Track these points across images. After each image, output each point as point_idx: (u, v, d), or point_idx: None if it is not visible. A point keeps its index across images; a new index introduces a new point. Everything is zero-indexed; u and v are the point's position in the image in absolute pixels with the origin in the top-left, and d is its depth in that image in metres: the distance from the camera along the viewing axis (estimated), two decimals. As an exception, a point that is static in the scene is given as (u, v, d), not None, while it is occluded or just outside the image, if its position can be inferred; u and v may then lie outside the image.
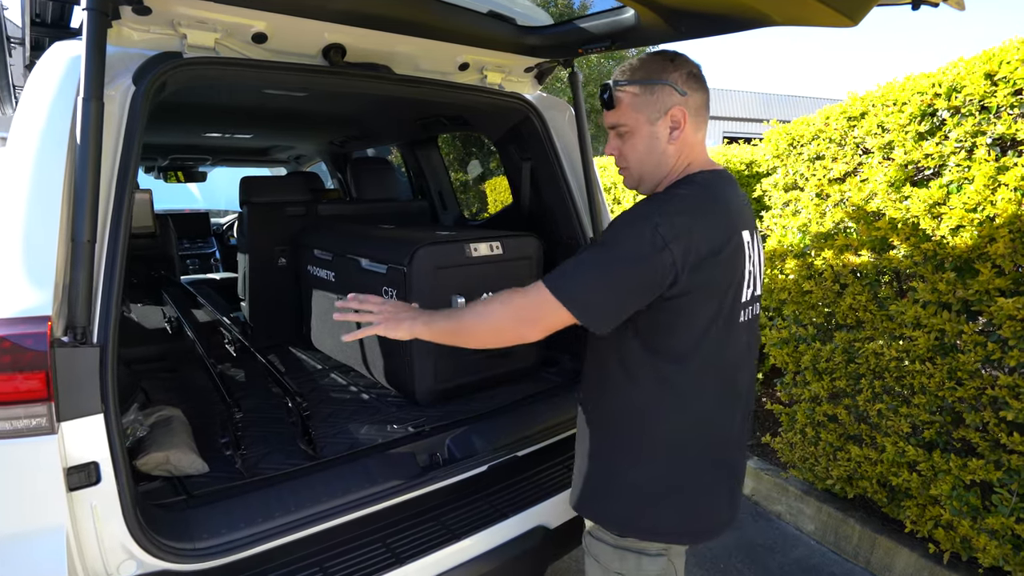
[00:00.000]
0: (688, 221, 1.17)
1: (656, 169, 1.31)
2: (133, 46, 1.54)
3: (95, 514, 1.29)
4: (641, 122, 1.28)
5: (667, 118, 1.27)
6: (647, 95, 1.27)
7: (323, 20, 1.74)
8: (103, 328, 1.33)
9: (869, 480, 2.69)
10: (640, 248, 1.14)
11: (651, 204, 1.20)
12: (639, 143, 1.29)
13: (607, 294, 1.18)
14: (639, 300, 1.19)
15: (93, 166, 1.28)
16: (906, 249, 2.32)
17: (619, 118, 1.30)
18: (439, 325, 1.31)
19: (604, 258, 1.18)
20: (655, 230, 1.14)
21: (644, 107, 1.27)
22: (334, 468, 1.74)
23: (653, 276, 1.15)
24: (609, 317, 1.19)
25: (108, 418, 1.31)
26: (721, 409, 1.33)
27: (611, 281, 1.18)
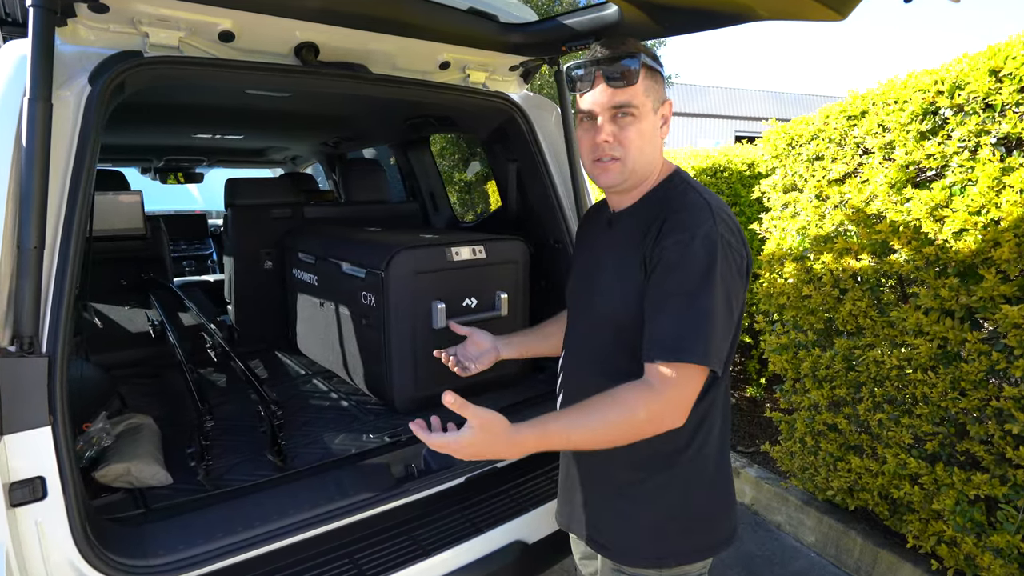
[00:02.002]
0: (736, 225, 1.14)
1: (650, 163, 1.21)
2: (91, 45, 1.49)
3: (40, 531, 1.24)
4: (648, 109, 1.16)
5: (662, 110, 1.20)
6: (654, 81, 1.17)
7: (293, 18, 1.68)
8: (52, 337, 1.28)
9: (870, 492, 2.59)
10: (729, 270, 1.07)
11: (701, 218, 1.10)
12: (646, 129, 1.17)
13: (726, 330, 1.09)
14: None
15: (40, 169, 1.23)
16: (907, 253, 2.22)
17: (633, 98, 1.15)
18: (551, 439, 1.09)
19: (708, 299, 1.05)
20: (728, 245, 1.08)
21: (652, 92, 1.17)
22: (303, 480, 1.68)
23: (743, 289, 1.12)
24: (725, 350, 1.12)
25: (56, 431, 1.26)
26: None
27: (724, 317, 1.07)
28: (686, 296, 1.06)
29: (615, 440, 1.09)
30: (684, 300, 1.06)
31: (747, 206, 4.01)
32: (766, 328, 3.08)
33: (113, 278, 3.21)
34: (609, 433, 1.07)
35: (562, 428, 1.09)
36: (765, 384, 4.20)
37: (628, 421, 1.05)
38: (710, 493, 1.25)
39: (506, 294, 2.25)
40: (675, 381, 1.05)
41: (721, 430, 1.26)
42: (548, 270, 2.42)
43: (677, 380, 1.05)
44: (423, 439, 1.13)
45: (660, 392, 1.06)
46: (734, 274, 1.09)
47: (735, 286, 1.10)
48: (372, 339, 2.15)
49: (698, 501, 1.24)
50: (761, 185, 3.06)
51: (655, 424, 1.07)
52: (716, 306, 1.06)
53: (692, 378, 1.07)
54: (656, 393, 1.06)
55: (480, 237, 2.27)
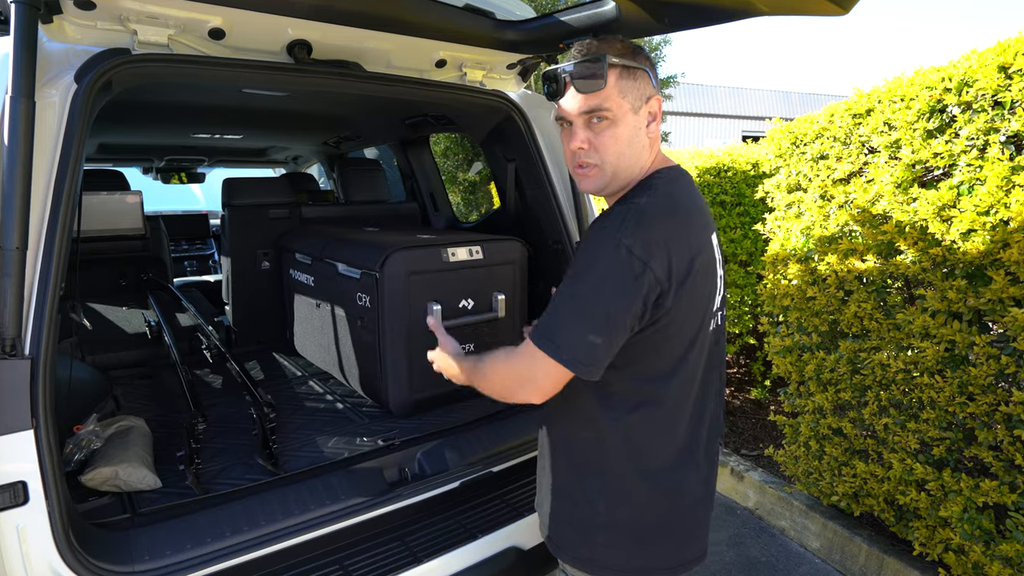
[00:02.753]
0: (661, 234, 1.05)
1: (632, 167, 1.16)
2: (78, 42, 1.47)
3: (21, 536, 1.22)
4: (626, 110, 1.12)
5: (646, 109, 1.14)
6: (631, 79, 1.12)
7: (285, 15, 1.65)
8: (36, 339, 1.26)
9: (876, 498, 2.54)
10: (619, 278, 1.02)
11: (614, 224, 1.06)
12: (623, 134, 1.12)
13: (596, 337, 1.04)
14: (628, 331, 1.07)
15: (23, 168, 1.21)
16: (914, 254, 2.17)
17: (604, 101, 1.11)
18: (464, 365, 1.32)
19: (583, 299, 1.06)
20: (629, 253, 1.02)
21: (629, 92, 1.12)
22: (293, 484, 1.65)
23: (639, 303, 1.04)
24: (602, 361, 1.07)
25: (39, 434, 1.24)
26: (699, 423, 1.22)
27: (598, 322, 1.04)
28: (567, 294, 1.09)
29: (490, 385, 1.23)
30: (563, 296, 1.10)
31: (751, 206, 3.96)
32: (770, 330, 3.04)
33: (112, 278, 3.20)
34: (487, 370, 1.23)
35: (472, 362, 1.29)
36: (770, 387, 4.14)
37: (497, 368, 1.21)
38: (647, 513, 1.19)
39: (504, 295, 2.21)
40: (530, 360, 1.10)
41: (673, 455, 1.18)
42: (547, 271, 2.39)
43: (532, 360, 1.10)
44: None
45: (517, 356, 1.15)
46: (625, 279, 1.02)
47: (625, 292, 1.03)
48: (367, 340, 2.13)
49: (627, 517, 1.19)
50: (765, 185, 3.01)
51: (513, 385, 1.17)
52: (588, 306, 1.05)
53: (546, 368, 1.08)
54: (515, 357, 1.15)
55: (477, 237, 2.24)
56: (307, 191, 3.95)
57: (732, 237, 3.98)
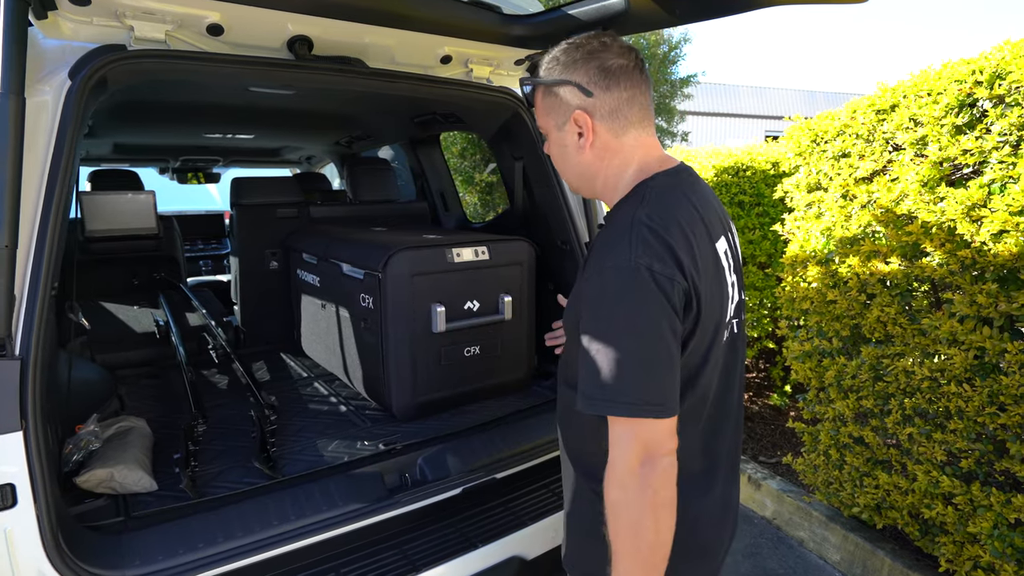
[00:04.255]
0: (670, 244, 0.97)
1: (583, 180, 1.16)
2: (74, 39, 1.46)
3: (8, 539, 1.20)
4: (550, 127, 1.14)
5: (570, 125, 1.09)
6: (551, 97, 1.11)
7: (284, 10, 1.62)
8: (26, 340, 1.24)
9: (899, 510, 2.43)
10: (656, 301, 0.93)
11: (621, 249, 0.97)
12: (554, 151, 1.16)
13: (655, 370, 0.94)
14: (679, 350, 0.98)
15: (13, 166, 1.19)
16: (941, 256, 2.07)
17: (537, 120, 1.18)
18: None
19: (625, 330, 0.94)
20: (651, 272, 0.94)
21: (550, 111, 1.12)
22: (291, 489, 1.62)
23: (677, 317, 0.96)
24: (677, 390, 0.97)
25: (28, 436, 1.22)
26: (714, 436, 1.14)
27: (657, 361, 0.94)
28: (602, 339, 0.95)
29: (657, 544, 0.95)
30: (600, 343, 0.95)
31: (771, 206, 3.85)
32: (789, 334, 2.93)
33: (125, 278, 3.22)
34: (643, 549, 0.94)
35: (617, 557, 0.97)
36: (790, 392, 4.03)
37: (634, 521, 0.94)
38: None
39: (511, 297, 2.16)
40: (622, 432, 0.95)
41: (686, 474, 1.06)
42: (555, 272, 2.33)
43: (623, 433, 0.95)
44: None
45: (619, 458, 0.95)
46: (660, 303, 0.94)
47: (663, 317, 0.95)
48: (370, 342, 2.09)
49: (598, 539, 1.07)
50: (784, 184, 2.92)
51: (648, 495, 0.93)
52: (635, 347, 0.93)
53: (642, 427, 0.93)
54: (617, 466, 0.95)
55: (483, 238, 2.19)
56: (318, 191, 3.94)
57: (751, 238, 3.88)
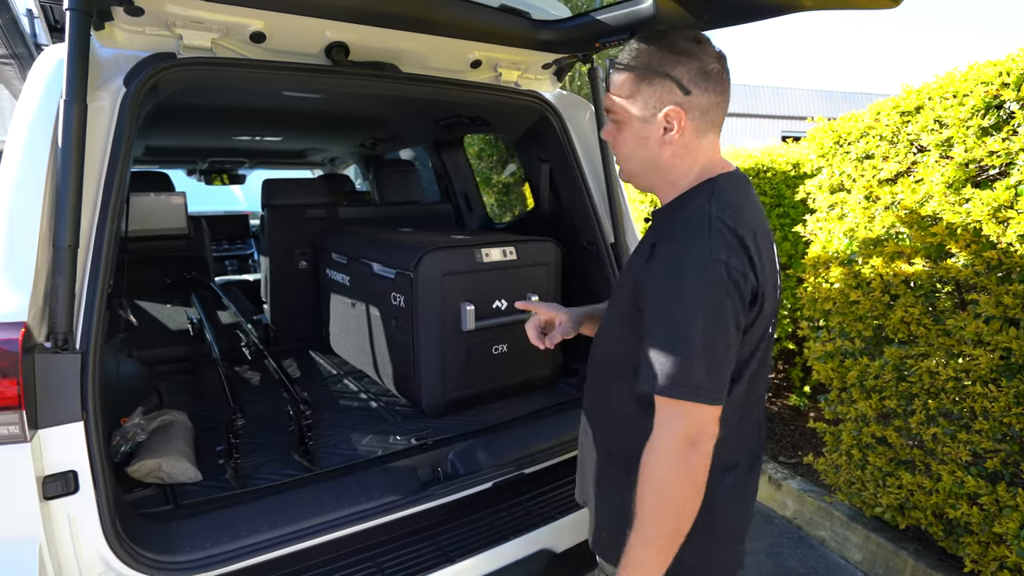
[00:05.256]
0: (745, 242, 1.03)
1: (649, 173, 1.17)
2: (128, 48, 1.53)
3: (72, 524, 1.27)
4: (631, 117, 1.11)
5: (660, 119, 1.09)
6: (644, 86, 1.09)
7: (323, 18, 1.68)
8: (86, 334, 1.31)
9: (923, 511, 2.44)
10: (729, 296, 0.99)
11: (699, 244, 1.01)
12: (628, 139, 1.14)
13: (718, 360, 1.00)
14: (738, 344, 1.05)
15: (76, 169, 1.26)
16: (966, 257, 2.08)
17: (612, 104, 1.14)
18: (645, 555, 1.03)
19: (701, 322, 0.99)
20: (727, 267, 0.99)
21: (638, 100, 1.10)
22: (328, 481, 1.68)
23: (744, 311, 1.03)
24: (728, 380, 1.04)
25: (88, 426, 1.28)
26: (746, 428, 1.20)
27: (720, 348, 1.00)
28: (672, 325, 1.01)
29: (682, 515, 1.02)
30: (670, 329, 1.01)
31: (791, 207, 3.85)
32: (810, 335, 2.94)
33: (158, 277, 3.31)
34: (672, 520, 1.01)
35: (637, 548, 1.03)
36: (809, 393, 4.02)
37: (670, 493, 1.01)
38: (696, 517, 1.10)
39: (537, 296, 2.20)
40: (675, 414, 1.01)
41: (722, 461, 1.12)
42: (581, 272, 2.37)
43: (676, 412, 1.00)
44: None
45: (665, 436, 1.01)
46: (731, 296, 1.00)
47: (732, 310, 1.01)
48: (401, 340, 2.14)
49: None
50: (806, 185, 2.93)
51: (686, 472, 1.00)
52: (704, 336, 0.99)
53: (693, 411, 1.00)
54: (653, 438, 1.02)
55: (511, 238, 2.24)
56: (343, 192, 4.01)
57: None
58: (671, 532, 1.01)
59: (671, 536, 1.01)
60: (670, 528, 1.01)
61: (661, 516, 1.01)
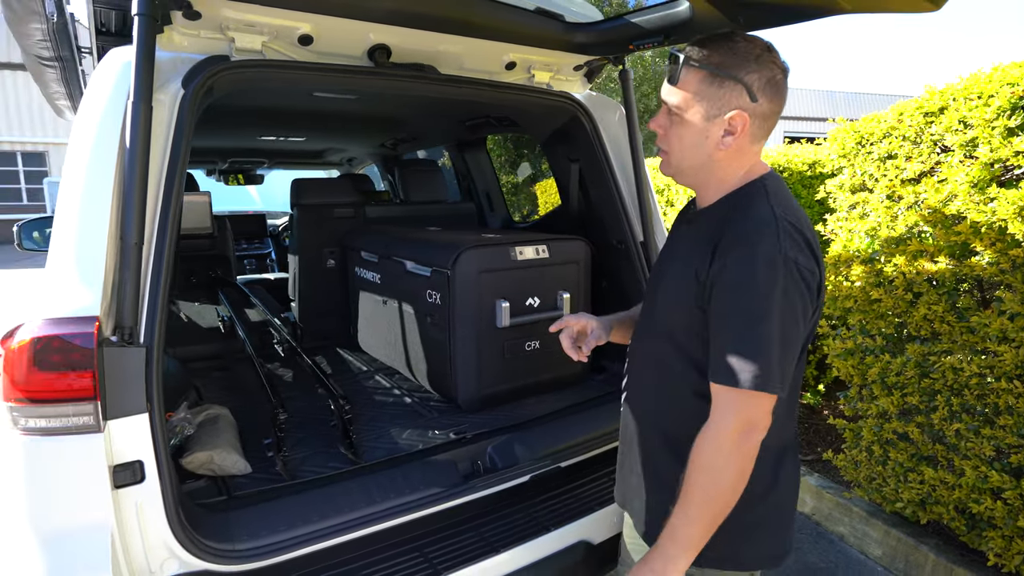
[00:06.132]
0: (808, 240, 1.09)
1: (699, 170, 1.19)
2: (183, 51, 1.57)
3: (139, 512, 1.31)
4: (696, 114, 1.12)
5: (723, 121, 1.11)
6: (714, 87, 1.11)
7: (369, 21, 1.72)
8: (149, 328, 1.35)
9: (945, 505, 2.47)
10: (797, 292, 1.05)
11: (768, 242, 1.06)
12: (686, 135, 1.15)
13: (788, 354, 1.06)
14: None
15: (141, 168, 1.30)
16: (991, 255, 2.11)
17: (674, 99, 1.14)
18: (689, 531, 1.08)
19: (777, 317, 1.04)
20: (796, 265, 1.04)
21: (705, 99, 1.11)
22: (374, 473, 1.72)
23: (810, 310, 1.09)
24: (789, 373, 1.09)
25: (153, 417, 1.32)
26: (795, 417, 1.28)
27: (789, 342, 1.06)
28: (748, 320, 1.05)
29: (729, 496, 1.08)
30: (746, 324, 1.05)
31: (807, 207, 3.89)
32: (829, 333, 2.98)
33: (183, 275, 3.35)
34: (718, 501, 1.07)
35: (681, 523, 1.09)
36: (823, 391, 4.06)
37: (720, 477, 1.07)
38: (756, 504, 1.17)
39: (568, 294, 2.24)
40: (739, 405, 1.06)
41: (777, 449, 1.20)
42: (610, 270, 2.41)
43: (740, 403, 1.06)
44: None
45: (715, 420, 1.08)
46: (801, 292, 1.06)
47: (801, 305, 1.06)
48: (436, 337, 2.18)
49: (739, 508, 1.13)
50: (827, 186, 2.97)
51: (739, 460, 1.07)
52: (778, 330, 1.04)
53: (756, 402, 1.06)
54: (711, 425, 1.08)
55: (543, 237, 2.28)
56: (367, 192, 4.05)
57: (786, 238, 3.92)
58: (717, 515, 1.08)
59: (716, 518, 1.08)
60: (717, 511, 1.07)
61: (712, 499, 1.07)
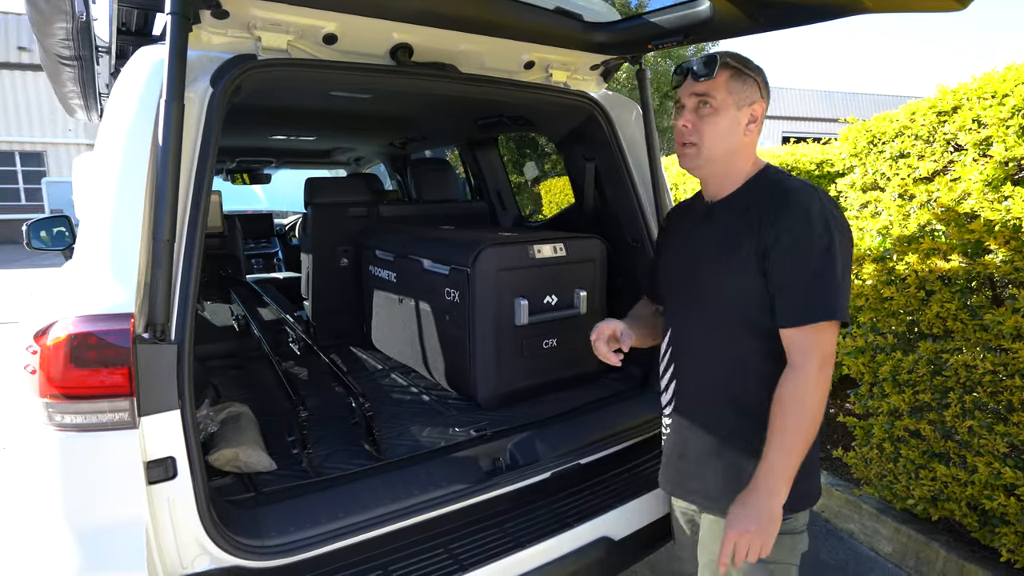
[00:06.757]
0: (836, 202, 1.30)
1: (727, 156, 1.34)
2: (211, 49, 1.57)
3: (172, 508, 1.32)
4: (729, 104, 1.30)
5: (749, 110, 1.32)
6: (741, 81, 1.31)
7: (393, 20, 1.73)
8: (180, 326, 1.35)
9: (957, 502, 2.49)
10: (846, 243, 1.25)
11: (813, 201, 1.24)
12: (722, 123, 1.31)
13: (848, 294, 1.27)
14: None
15: (173, 166, 1.30)
16: (1005, 253, 2.13)
17: (713, 89, 1.30)
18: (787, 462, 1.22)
19: (836, 266, 1.22)
20: (839, 222, 1.24)
21: (736, 91, 1.30)
22: (397, 470, 1.73)
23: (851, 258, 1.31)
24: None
25: (184, 414, 1.33)
26: None
27: (848, 284, 1.26)
28: (815, 270, 1.21)
29: (816, 425, 1.24)
30: (814, 274, 1.21)
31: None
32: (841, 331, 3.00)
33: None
34: (808, 430, 1.23)
35: (775, 455, 1.23)
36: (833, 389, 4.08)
37: (810, 408, 1.22)
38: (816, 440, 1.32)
39: (585, 292, 2.26)
40: (816, 341, 1.21)
41: None
42: (626, 268, 2.42)
43: (817, 339, 1.21)
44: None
45: (804, 362, 1.22)
46: (848, 240, 1.25)
47: (849, 251, 1.25)
48: (455, 334, 2.19)
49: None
50: (837, 184, 2.98)
51: (822, 390, 1.23)
52: (840, 272, 1.22)
53: (829, 334, 1.22)
54: (799, 367, 1.23)
55: (560, 235, 2.29)
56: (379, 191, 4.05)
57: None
58: (807, 444, 1.24)
59: (806, 448, 1.24)
60: (808, 440, 1.24)
61: (804, 430, 1.22)
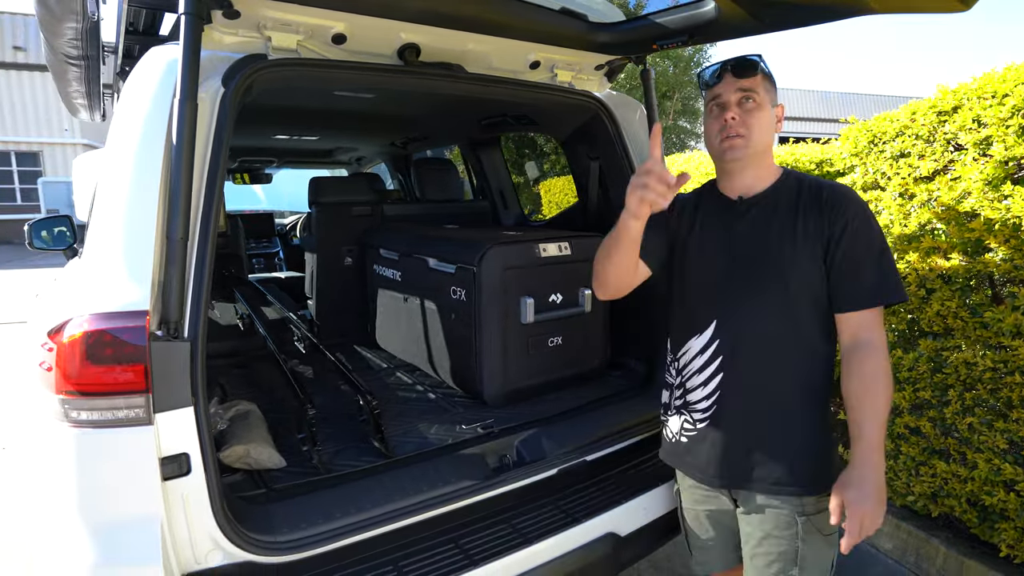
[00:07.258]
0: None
1: (767, 150, 1.47)
2: (222, 49, 1.58)
3: (186, 504, 1.33)
4: (767, 101, 1.42)
5: (775, 111, 1.46)
6: (769, 83, 1.44)
7: (401, 20, 1.74)
8: (193, 323, 1.36)
9: (957, 498, 2.51)
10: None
11: (855, 196, 1.40)
12: (763, 118, 1.41)
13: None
14: None
15: (187, 165, 1.31)
16: (1005, 252, 2.15)
17: (755, 86, 1.41)
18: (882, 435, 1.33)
19: (890, 250, 1.37)
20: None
21: (769, 90, 1.44)
22: (406, 467, 1.74)
23: None
24: None
25: (198, 411, 1.34)
26: None
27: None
28: (879, 253, 1.35)
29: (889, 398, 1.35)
30: (879, 257, 1.35)
31: (814, 205, 3.93)
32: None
33: None
34: (889, 403, 1.34)
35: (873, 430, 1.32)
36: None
37: (891, 382, 1.33)
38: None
39: (589, 290, 2.27)
40: (882, 320, 1.35)
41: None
42: None
43: (882, 318, 1.35)
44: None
45: (880, 339, 1.35)
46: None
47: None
48: (461, 333, 2.21)
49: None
50: (838, 183, 3.00)
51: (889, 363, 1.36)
52: (891, 254, 1.37)
53: (884, 316, 1.38)
54: (878, 345, 1.34)
55: (565, 234, 2.30)
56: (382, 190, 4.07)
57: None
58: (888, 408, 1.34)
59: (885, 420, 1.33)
60: (889, 410, 1.34)
61: (889, 399, 1.33)
